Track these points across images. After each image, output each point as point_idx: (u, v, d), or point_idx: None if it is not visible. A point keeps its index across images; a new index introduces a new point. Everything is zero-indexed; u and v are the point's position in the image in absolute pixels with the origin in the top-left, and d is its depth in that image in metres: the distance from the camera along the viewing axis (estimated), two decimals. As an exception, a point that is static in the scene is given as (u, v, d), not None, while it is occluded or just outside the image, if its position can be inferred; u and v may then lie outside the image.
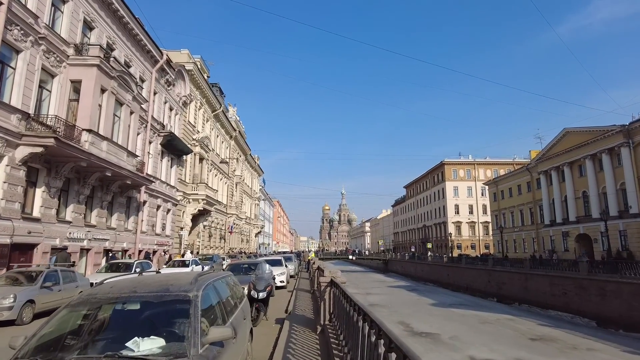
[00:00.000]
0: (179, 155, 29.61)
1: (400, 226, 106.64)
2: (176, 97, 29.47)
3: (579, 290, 22.79)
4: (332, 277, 6.48)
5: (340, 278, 6.38)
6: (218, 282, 4.10)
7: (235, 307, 4.34)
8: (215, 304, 3.66)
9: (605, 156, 36.75)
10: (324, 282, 6.53)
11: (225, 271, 5.47)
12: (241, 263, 12.49)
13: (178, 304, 3.20)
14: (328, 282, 6.52)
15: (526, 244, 51.25)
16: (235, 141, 50.01)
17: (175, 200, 29.09)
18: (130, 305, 3.25)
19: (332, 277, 6.48)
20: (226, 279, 4.64)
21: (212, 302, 3.60)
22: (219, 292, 3.85)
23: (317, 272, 12.00)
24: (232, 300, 4.36)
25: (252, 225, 64.75)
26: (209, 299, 3.51)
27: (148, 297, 3.21)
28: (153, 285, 3.48)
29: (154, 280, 3.71)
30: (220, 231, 42.94)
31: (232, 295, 4.49)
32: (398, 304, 30.55)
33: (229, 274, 5.09)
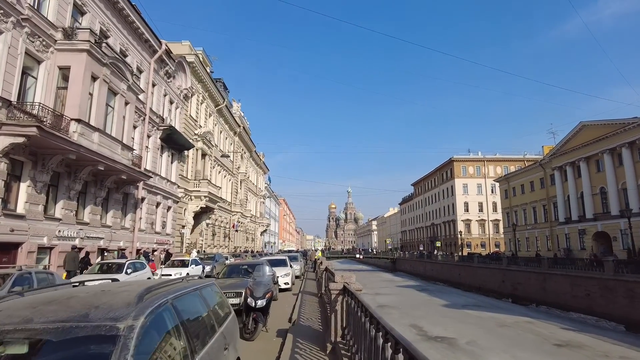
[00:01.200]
0: (180, 150, 28.50)
1: (407, 224, 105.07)
2: (177, 90, 28.34)
3: (605, 291, 21.30)
4: (345, 284, 5.21)
5: (355, 285, 5.11)
6: (184, 299, 2.86)
7: (211, 331, 3.11)
8: (173, 334, 2.44)
9: (625, 150, 35.05)
10: (335, 290, 5.27)
11: (205, 279, 4.15)
12: (240, 264, 11.29)
13: (95, 342, 1.92)
14: (340, 290, 5.26)
15: (539, 242, 49.57)
16: (240, 137, 48.87)
17: (176, 197, 27.99)
18: (12, 347, 1.94)
19: (345, 284, 5.21)
20: (202, 291, 3.41)
21: (165, 331, 2.38)
22: (181, 315, 2.61)
23: (324, 274, 10.77)
24: (208, 322, 3.15)
25: (258, 223, 63.66)
26: (160, 328, 2.30)
27: (47, 331, 1.92)
28: (68, 308, 2.22)
29: (78, 298, 2.41)
30: (224, 229, 41.86)
31: (209, 314, 3.30)
32: (409, 305, 29.20)
33: (209, 284, 3.82)
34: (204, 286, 3.56)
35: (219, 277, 10.84)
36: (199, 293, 3.27)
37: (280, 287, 13.80)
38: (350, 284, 5.22)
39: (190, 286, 3.13)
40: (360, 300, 4.02)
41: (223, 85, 49.41)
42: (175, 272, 18.37)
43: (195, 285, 3.31)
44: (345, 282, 5.27)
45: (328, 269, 9.95)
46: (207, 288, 3.63)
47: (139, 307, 2.14)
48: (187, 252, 29.54)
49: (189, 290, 3.07)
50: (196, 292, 3.21)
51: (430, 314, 25.77)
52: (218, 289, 4.04)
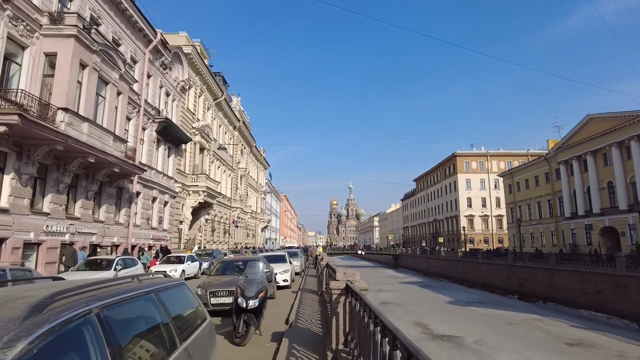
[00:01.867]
0: (177, 144, 27.76)
1: (409, 220, 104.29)
2: (173, 82, 27.56)
3: (616, 288, 20.54)
4: (348, 282, 4.46)
5: (360, 283, 4.36)
6: (122, 307, 2.09)
7: (169, 349, 2.35)
8: None
9: (634, 143, 34.17)
10: (337, 289, 4.52)
11: (171, 278, 3.33)
12: (234, 260, 10.56)
13: None
14: (342, 289, 4.51)
15: (544, 237, 48.78)
16: (239, 132, 48.08)
17: (173, 192, 27.27)
18: None
19: (348, 282, 4.46)
20: (159, 295, 2.60)
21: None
22: (113, 330, 1.80)
23: (325, 270, 10.03)
24: (164, 336, 2.40)
25: (258, 219, 63.00)
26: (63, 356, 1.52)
27: None
28: None
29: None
30: (224, 225, 41.19)
31: (168, 325, 2.51)
32: (412, 302, 28.49)
33: (175, 284, 3.08)
34: (165, 288, 2.79)
35: (211, 274, 10.14)
36: (154, 297, 2.50)
37: (279, 284, 13.09)
38: (354, 282, 4.47)
39: (139, 288, 2.36)
40: (368, 304, 3.26)
41: (222, 79, 48.60)
42: (170, 269, 17.70)
43: (150, 286, 2.53)
44: (348, 280, 4.52)
45: (329, 265, 9.21)
46: (171, 290, 2.84)
47: (27, 323, 1.35)
48: (188, 249, 28.91)
49: (135, 294, 2.30)
50: (148, 295, 2.43)
51: (434, 311, 25.05)
52: (189, 291, 3.28)
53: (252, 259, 10.22)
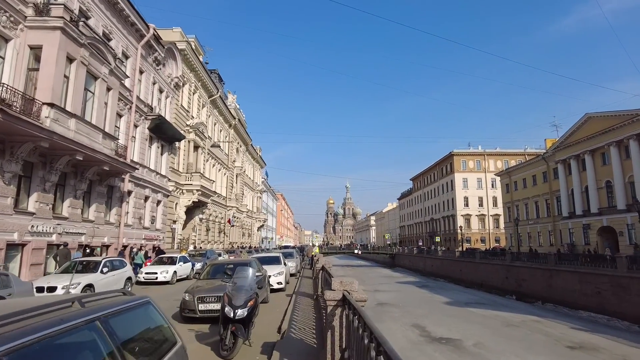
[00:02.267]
0: (170, 142, 27.20)
1: (406, 219, 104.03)
2: (167, 78, 26.98)
3: (617, 289, 20.22)
4: (345, 292, 4.00)
5: (358, 293, 3.91)
6: (40, 348, 1.52)
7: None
8: None
9: (633, 142, 33.91)
10: (332, 300, 4.05)
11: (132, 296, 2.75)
12: (226, 263, 10.02)
13: None
14: (338, 300, 4.05)
15: (542, 237, 48.57)
16: (235, 130, 47.51)
17: (166, 191, 26.73)
18: None
19: (345, 292, 4.00)
20: (106, 323, 2.04)
21: None
22: None
23: (321, 273, 9.58)
24: None
25: (254, 218, 62.46)
26: None
27: None
28: None
29: None
30: (219, 225, 40.65)
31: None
32: (410, 303, 28.11)
33: (136, 304, 2.53)
34: (119, 311, 2.26)
35: (200, 278, 9.64)
36: (99, 326, 1.95)
37: (272, 287, 12.60)
38: (351, 292, 4.00)
39: (78, 316, 1.81)
40: (367, 322, 2.80)
41: (218, 76, 48.02)
42: (161, 270, 17.20)
43: (95, 312, 1.98)
44: (345, 290, 4.06)
45: (325, 268, 8.74)
46: (127, 313, 2.31)
47: None
48: (183, 249, 28.36)
49: (69, 326, 1.73)
50: (91, 324, 1.89)
51: (432, 312, 24.68)
52: (156, 310, 2.77)
53: (243, 262, 9.71)
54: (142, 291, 15.38)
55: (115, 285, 12.81)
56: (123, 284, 13.30)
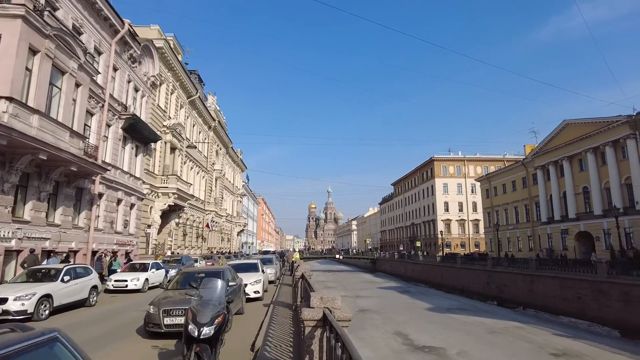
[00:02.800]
0: (145, 142, 26.13)
1: (387, 224, 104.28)
2: (143, 77, 25.95)
3: (597, 294, 20.24)
4: (326, 310, 3.39)
5: (341, 312, 3.30)
6: None
7: None
8: None
9: (609, 149, 34.57)
10: (311, 320, 3.44)
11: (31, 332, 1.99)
12: (197, 272, 9.23)
13: None
14: (318, 320, 3.44)
15: (521, 242, 49.09)
16: (215, 132, 46.42)
17: (140, 194, 25.60)
18: None
19: (326, 310, 3.39)
20: None
21: None
22: None
23: (301, 282, 8.94)
24: None
25: (234, 223, 61.24)
26: None
27: None
28: None
29: None
30: (196, 229, 39.47)
31: None
32: (391, 309, 27.69)
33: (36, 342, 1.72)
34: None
35: (167, 288, 8.82)
36: None
37: (249, 296, 11.85)
38: (333, 310, 3.39)
39: None
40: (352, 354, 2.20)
41: (198, 77, 46.96)
42: (132, 278, 16.21)
43: None
44: (326, 308, 3.45)
45: (305, 277, 8.10)
46: None
47: None
48: (159, 254, 27.19)
49: None
50: None
51: (414, 318, 24.29)
52: (68, 348, 2.06)
53: (214, 271, 8.94)
54: (110, 300, 14.39)
55: (78, 295, 11.85)
56: (87, 293, 12.31)
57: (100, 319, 10.56)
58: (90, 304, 12.52)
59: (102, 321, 10.19)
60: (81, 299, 12.06)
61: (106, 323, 9.94)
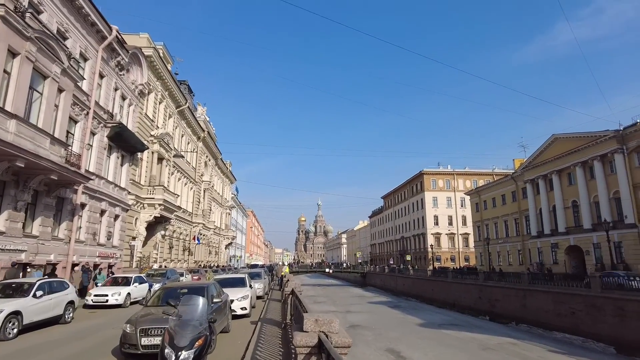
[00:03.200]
0: (131, 152, 25.46)
1: (377, 238, 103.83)
2: (130, 85, 25.42)
3: (591, 309, 19.94)
4: (322, 335, 2.91)
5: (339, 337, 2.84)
6: None
7: None
8: None
9: (597, 163, 34.84)
10: (305, 347, 2.95)
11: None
12: (179, 287, 8.57)
13: None
14: (313, 347, 2.96)
15: (511, 256, 48.98)
16: (204, 143, 45.80)
17: (125, 205, 24.82)
18: None
19: (322, 335, 2.91)
20: None
21: None
22: None
23: (291, 299, 8.40)
24: None
25: (222, 236, 60.18)
26: None
27: None
28: None
29: None
30: (183, 242, 38.51)
31: None
32: (382, 325, 27.06)
33: None
34: None
35: (147, 305, 8.17)
36: None
37: (235, 312, 11.21)
38: (330, 335, 2.91)
39: None
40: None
41: (188, 87, 46.55)
42: (113, 292, 15.43)
43: None
44: (321, 332, 2.97)
45: (295, 293, 7.58)
46: None
47: None
48: (145, 267, 26.29)
49: None
50: None
51: (406, 334, 23.70)
52: None
53: (197, 287, 8.31)
54: (88, 316, 13.61)
55: (52, 311, 11.08)
56: (63, 309, 11.55)
57: (74, 337, 9.83)
58: (66, 320, 11.74)
59: (76, 340, 9.47)
60: (55, 315, 11.29)
61: (80, 342, 9.23)
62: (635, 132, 31.43)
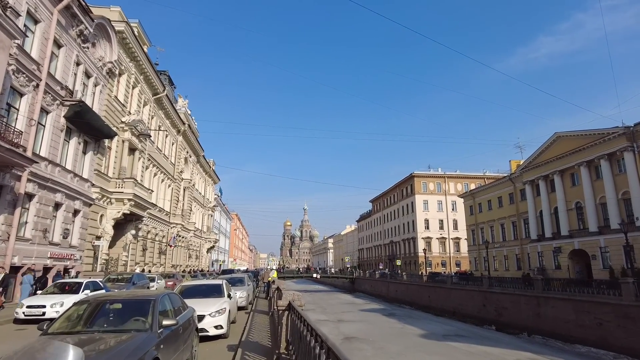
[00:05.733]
0: (97, 138, 22.15)
1: (365, 242, 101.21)
2: (97, 62, 22.15)
3: (624, 320, 17.46)
4: None
5: None
6: None
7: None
8: None
9: (604, 162, 32.86)
10: None
11: None
12: (109, 300, 5.14)
13: None
14: None
15: (508, 261, 46.78)
16: (184, 137, 42.44)
17: (88, 199, 21.45)
18: None
19: None
20: None
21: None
22: None
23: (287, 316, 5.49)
24: None
25: (204, 238, 56.59)
26: None
27: None
28: None
29: None
30: (159, 244, 35.03)
31: None
32: (381, 336, 24.16)
33: None
34: None
35: (47, 331, 4.89)
36: None
37: (206, 333, 8.09)
38: None
39: None
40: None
41: (168, 78, 43.29)
42: (53, 302, 12.16)
43: None
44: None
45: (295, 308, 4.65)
46: None
47: None
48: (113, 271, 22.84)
49: None
50: None
51: (409, 348, 20.86)
52: None
53: (140, 300, 5.07)
54: (12, 335, 10.30)
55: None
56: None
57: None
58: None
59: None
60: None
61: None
62: (647, 129, 29.54)
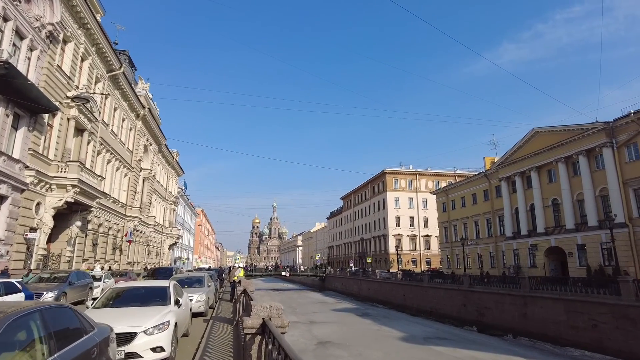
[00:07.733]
0: (33, 111, 18.78)
1: (335, 239, 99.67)
2: (33, 21, 18.74)
3: (622, 322, 16.21)
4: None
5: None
6: None
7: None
8: None
9: (582, 158, 32.31)
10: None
11: None
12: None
13: None
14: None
15: (483, 258, 46.05)
16: (144, 122, 38.82)
17: (19, 183, 18.08)
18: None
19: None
20: None
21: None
22: None
23: (257, 345, 3.14)
24: None
25: (166, 234, 52.84)
26: None
27: None
28: None
29: None
30: (113, 239, 31.54)
31: None
32: (357, 340, 22.12)
33: None
34: None
35: None
36: None
37: (141, 359, 5.56)
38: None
39: None
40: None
41: (128, 58, 39.60)
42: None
43: None
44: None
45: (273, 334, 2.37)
46: None
47: None
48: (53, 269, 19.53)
49: None
50: None
51: (389, 354, 18.90)
52: None
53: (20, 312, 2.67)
54: None
55: None
56: None
57: None
58: None
59: None
60: None
61: None
62: (626, 124, 29.00)
